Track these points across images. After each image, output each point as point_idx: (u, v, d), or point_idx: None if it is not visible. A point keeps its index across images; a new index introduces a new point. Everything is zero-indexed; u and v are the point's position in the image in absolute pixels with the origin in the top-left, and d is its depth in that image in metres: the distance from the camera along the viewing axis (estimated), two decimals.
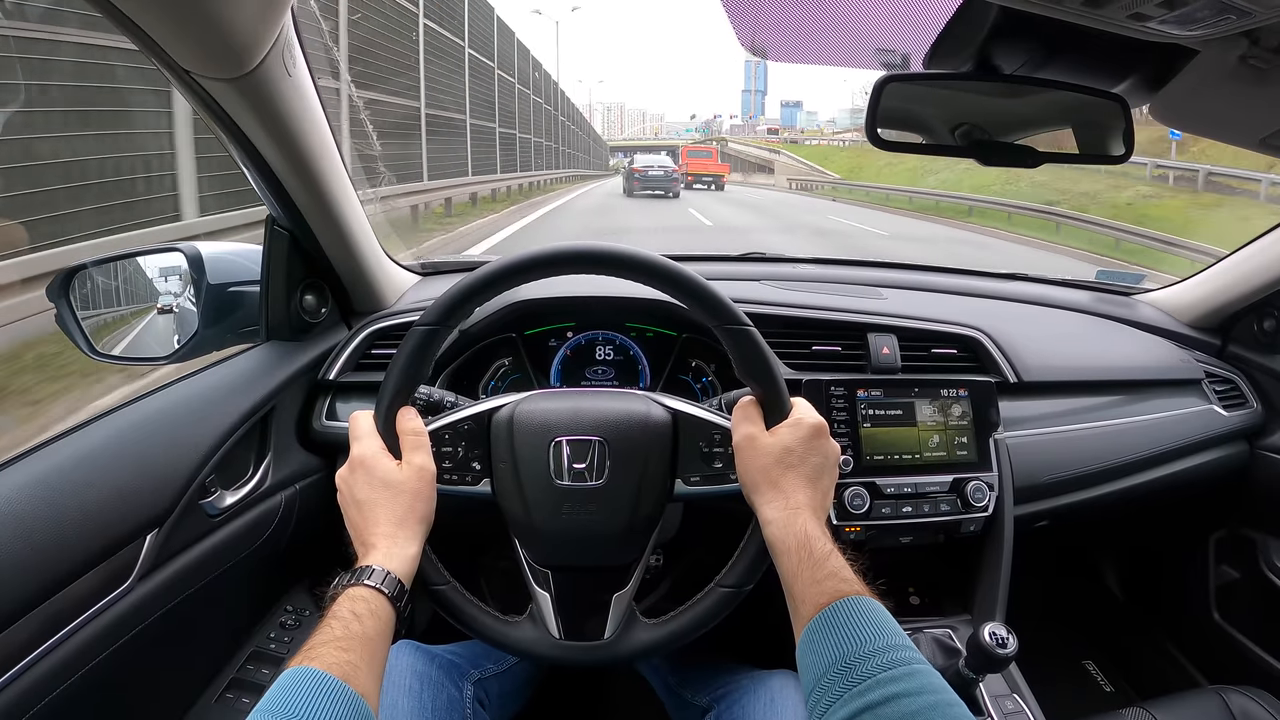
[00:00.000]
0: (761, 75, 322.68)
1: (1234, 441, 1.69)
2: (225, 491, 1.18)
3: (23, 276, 3.59)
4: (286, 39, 0.99)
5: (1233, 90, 0.90)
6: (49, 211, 4.25)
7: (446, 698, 1.11)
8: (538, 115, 25.38)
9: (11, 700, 0.85)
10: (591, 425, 0.99)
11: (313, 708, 0.68)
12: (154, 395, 1.16)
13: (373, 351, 1.42)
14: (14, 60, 3.97)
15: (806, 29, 1.04)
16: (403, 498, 0.90)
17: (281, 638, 1.37)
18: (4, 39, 3.79)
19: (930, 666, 0.73)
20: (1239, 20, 0.70)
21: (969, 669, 1.08)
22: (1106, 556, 2.18)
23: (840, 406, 1.32)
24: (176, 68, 0.92)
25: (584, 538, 0.99)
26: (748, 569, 0.97)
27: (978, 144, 1.09)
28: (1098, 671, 2.03)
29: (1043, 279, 2.00)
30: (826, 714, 0.71)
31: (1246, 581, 1.77)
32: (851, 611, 0.78)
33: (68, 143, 4.54)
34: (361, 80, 11.00)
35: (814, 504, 0.90)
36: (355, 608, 0.80)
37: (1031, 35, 0.90)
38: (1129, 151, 1.05)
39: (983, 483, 1.31)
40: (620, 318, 1.51)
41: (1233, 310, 1.76)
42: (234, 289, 1.29)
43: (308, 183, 1.19)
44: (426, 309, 0.96)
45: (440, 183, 14.06)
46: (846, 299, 1.55)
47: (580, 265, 0.97)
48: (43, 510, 0.91)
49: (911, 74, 1.03)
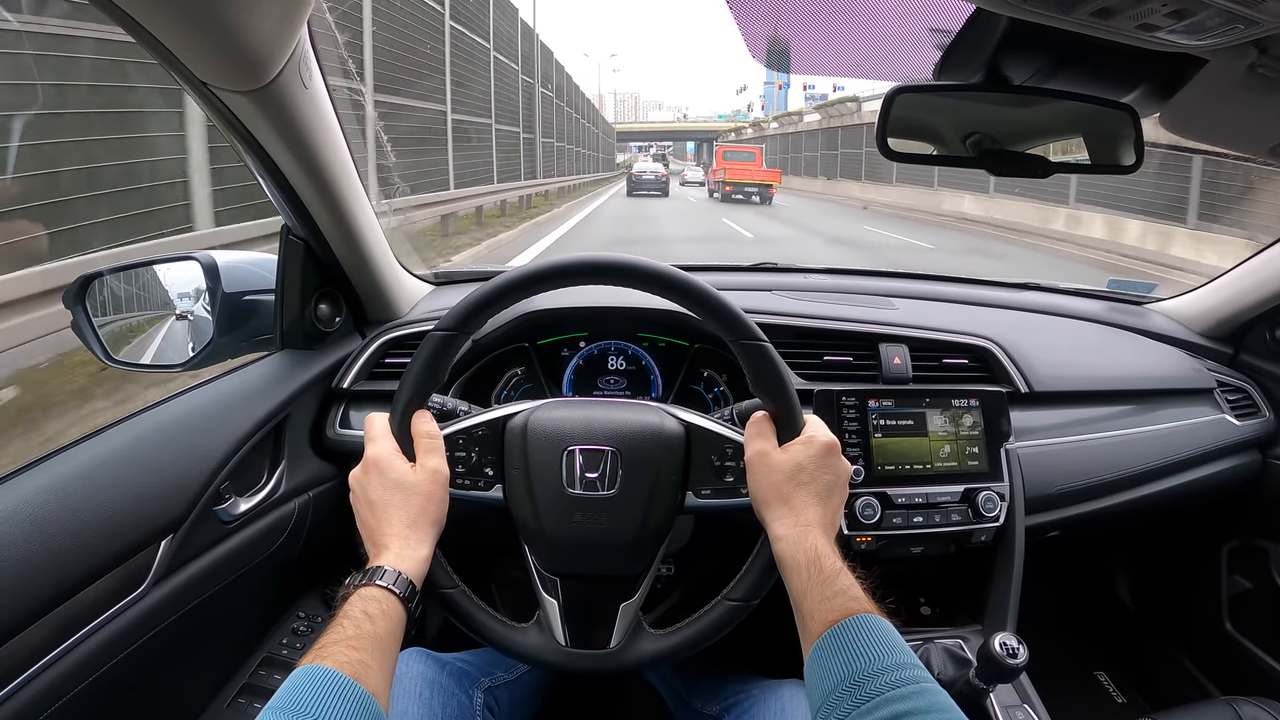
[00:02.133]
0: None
1: (1246, 451, 1.67)
2: (239, 498, 1.19)
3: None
4: (303, 52, 1.01)
5: (1242, 99, 0.90)
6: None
7: (457, 705, 1.11)
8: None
9: (26, 703, 0.86)
10: (605, 435, 0.99)
11: (324, 706, 0.69)
12: (169, 402, 1.17)
13: (386, 360, 1.43)
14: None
15: (818, 41, 1.05)
16: (415, 500, 0.90)
17: (294, 644, 1.38)
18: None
19: (938, 686, 0.74)
20: (1247, 30, 0.71)
21: (980, 679, 1.07)
22: (1118, 566, 2.16)
23: (852, 417, 1.32)
24: (194, 80, 0.93)
25: (593, 546, 0.99)
26: (755, 583, 0.97)
27: (988, 154, 1.09)
28: (1109, 682, 2.02)
29: (1054, 288, 1.99)
30: None
31: (1259, 592, 1.76)
32: (860, 630, 0.78)
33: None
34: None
35: (824, 521, 0.90)
36: (367, 607, 0.80)
37: (1041, 46, 0.91)
38: (1139, 161, 1.05)
39: (994, 493, 1.31)
40: (632, 328, 1.52)
41: (1244, 319, 1.76)
42: (249, 297, 1.30)
43: (323, 193, 1.20)
44: (444, 315, 0.96)
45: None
46: (858, 309, 1.55)
47: (595, 276, 0.98)
48: (60, 515, 0.92)
49: (922, 85, 1.03)
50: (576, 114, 34.46)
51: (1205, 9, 0.67)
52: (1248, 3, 0.65)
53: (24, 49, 3.96)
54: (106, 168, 4.71)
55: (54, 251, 4.03)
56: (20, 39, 3.90)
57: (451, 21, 13.84)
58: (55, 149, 4.27)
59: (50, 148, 4.22)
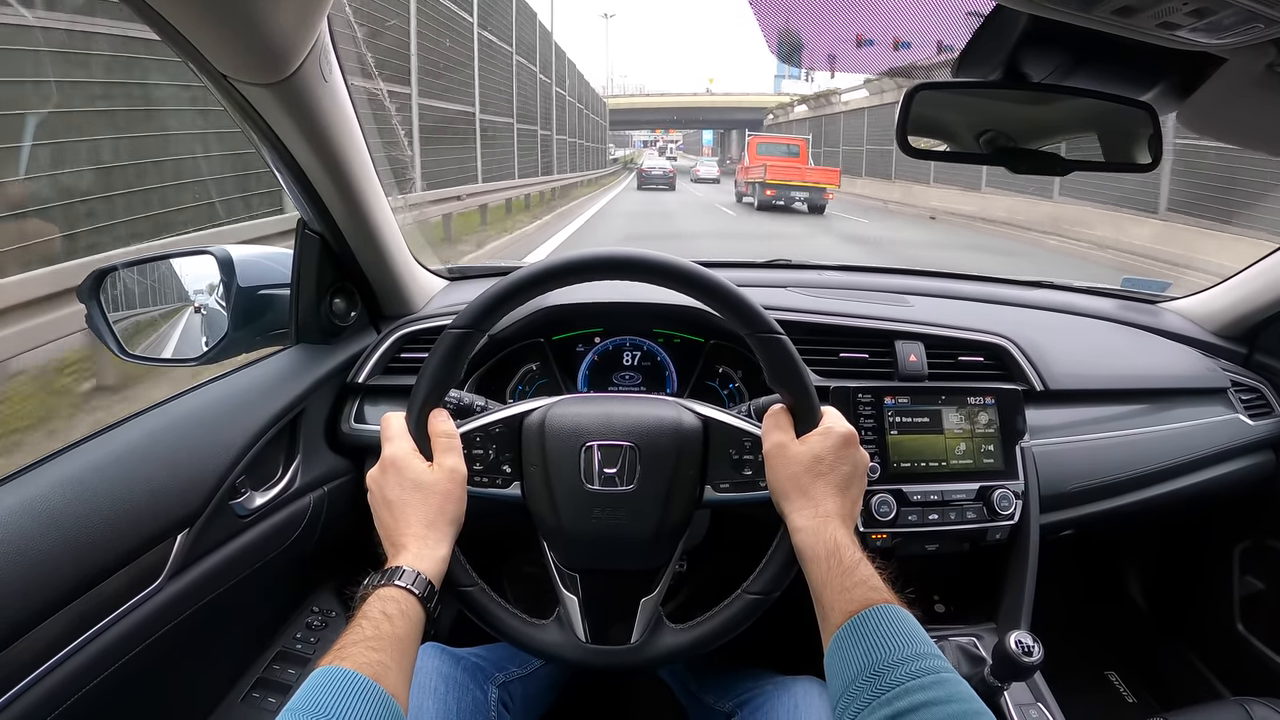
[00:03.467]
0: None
1: (1260, 451, 1.67)
2: (255, 492, 1.19)
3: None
4: (323, 46, 1.01)
5: (1261, 98, 0.90)
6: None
7: (471, 700, 1.11)
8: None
9: (42, 697, 0.86)
10: (623, 430, 0.99)
11: (343, 707, 0.69)
12: (185, 396, 1.18)
13: (401, 355, 1.43)
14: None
15: (837, 37, 1.04)
16: (433, 499, 0.90)
17: (308, 638, 1.38)
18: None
19: (958, 675, 0.74)
20: (1267, 29, 0.70)
21: (994, 677, 1.07)
22: (1130, 566, 2.16)
23: (867, 414, 1.32)
24: (214, 72, 0.93)
25: (613, 542, 1.00)
26: (775, 576, 0.97)
27: (1005, 151, 1.09)
28: (1120, 682, 2.02)
29: (1069, 286, 1.99)
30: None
31: (1271, 593, 1.75)
32: (880, 620, 0.78)
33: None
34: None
35: (843, 512, 0.90)
36: (386, 608, 0.80)
37: (1060, 43, 0.91)
38: (1157, 160, 1.04)
39: (1009, 491, 1.31)
40: (648, 323, 1.52)
41: (1259, 319, 1.75)
42: (264, 292, 1.30)
43: (340, 187, 1.20)
44: (460, 312, 0.96)
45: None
46: (873, 306, 1.55)
47: (612, 271, 0.98)
48: (76, 508, 0.92)
49: (942, 82, 1.03)
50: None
51: (1226, 8, 0.66)
52: (1268, 2, 0.64)
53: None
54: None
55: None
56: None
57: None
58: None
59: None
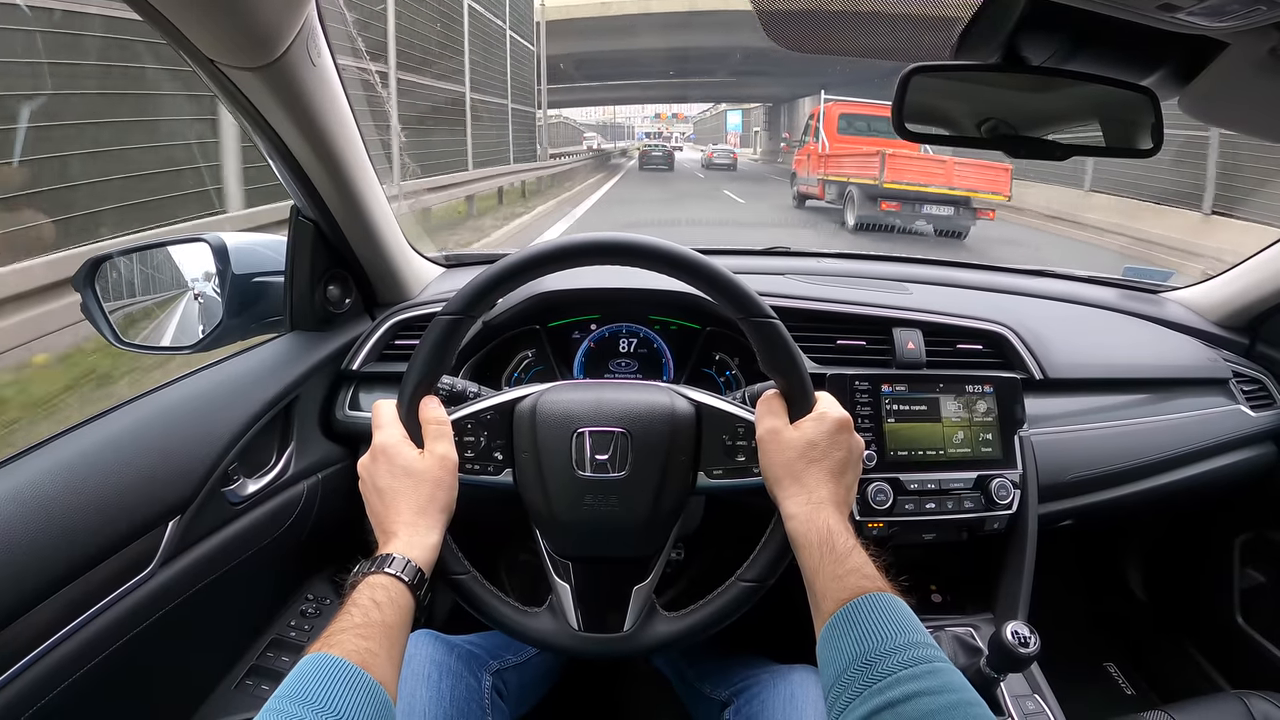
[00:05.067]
0: None
1: (1262, 442, 1.66)
2: (248, 480, 1.19)
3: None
4: (311, 28, 1.00)
5: (1263, 84, 0.89)
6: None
7: (465, 688, 1.11)
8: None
9: (33, 682, 0.86)
10: (615, 417, 0.98)
11: (331, 694, 0.68)
12: (178, 383, 1.17)
13: (396, 342, 1.43)
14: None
15: (833, 19, 1.03)
16: (424, 486, 0.90)
17: (302, 626, 1.38)
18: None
19: (952, 665, 0.73)
20: (1269, 12, 0.69)
21: (990, 668, 1.07)
22: (1130, 557, 2.15)
23: (864, 401, 1.31)
24: (201, 57, 0.93)
25: (605, 529, 0.99)
26: (769, 564, 0.96)
27: (1004, 137, 1.08)
28: (1119, 673, 2.01)
29: (1070, 275, 1.97)
30: (846, 710, 0.71)
31: (1272, 585, 1.75)
32: (873, 608, 0.77)
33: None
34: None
35: (837, 499, 0.89)
36: (375, 595, 0.80)
37: (1060, 26, 0.89)
38: (1158, 145, 1.03)
39: (1007, 480, 1.30)
40: (644, 310, 1.51)
41: (1261, 309, 1.74)
42: (258, 279, 1.30)
43: (332, 173, 1.20)
44: (450, 299, 0.96)
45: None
46: (871, 293, 1.54)
47: (605, 256, 0.97)
48: (67, 495, 0.92)
49: (939, 65, 1.01)
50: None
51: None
52: None
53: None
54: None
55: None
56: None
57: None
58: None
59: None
